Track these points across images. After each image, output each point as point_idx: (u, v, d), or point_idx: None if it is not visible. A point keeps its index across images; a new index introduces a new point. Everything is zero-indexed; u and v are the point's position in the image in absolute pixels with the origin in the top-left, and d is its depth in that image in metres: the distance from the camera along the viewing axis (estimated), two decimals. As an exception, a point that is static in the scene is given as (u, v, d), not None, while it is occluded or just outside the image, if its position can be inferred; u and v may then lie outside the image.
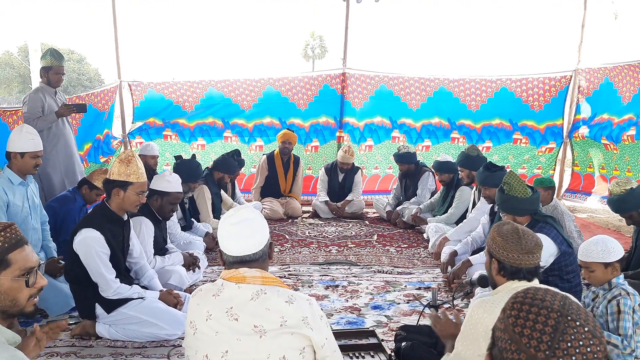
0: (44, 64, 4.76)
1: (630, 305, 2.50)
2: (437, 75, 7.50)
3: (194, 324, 1.78)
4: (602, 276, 2.60)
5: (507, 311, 1.08)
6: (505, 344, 1.05)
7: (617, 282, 2.60)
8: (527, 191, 3.27)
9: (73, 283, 3.10)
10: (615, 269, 2.59)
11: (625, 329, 2.48)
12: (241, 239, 1.77)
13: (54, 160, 4.71)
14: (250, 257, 1.78)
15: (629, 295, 2.53)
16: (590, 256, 2.61)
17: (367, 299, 3.81)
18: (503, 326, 1.08)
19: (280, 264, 4.65)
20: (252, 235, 1.78)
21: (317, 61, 47.83)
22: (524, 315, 1.04)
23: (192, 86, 7.15)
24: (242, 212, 1.81)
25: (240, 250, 1.77)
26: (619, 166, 6.75)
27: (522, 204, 3.28)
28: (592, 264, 2.61)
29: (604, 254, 2.57)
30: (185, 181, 4.46)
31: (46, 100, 4.71)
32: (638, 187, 3.62)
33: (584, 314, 1.04)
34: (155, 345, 3.05)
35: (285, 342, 1.69)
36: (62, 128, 4.84)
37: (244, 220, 1.78)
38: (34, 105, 4.63)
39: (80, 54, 32.95)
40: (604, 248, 2.59)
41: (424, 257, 4.93)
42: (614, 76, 6.87)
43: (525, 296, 1.09)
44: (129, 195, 3.03)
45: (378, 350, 2.79)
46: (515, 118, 7.60)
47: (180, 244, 4.45)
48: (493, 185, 4.15)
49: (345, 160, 6.55)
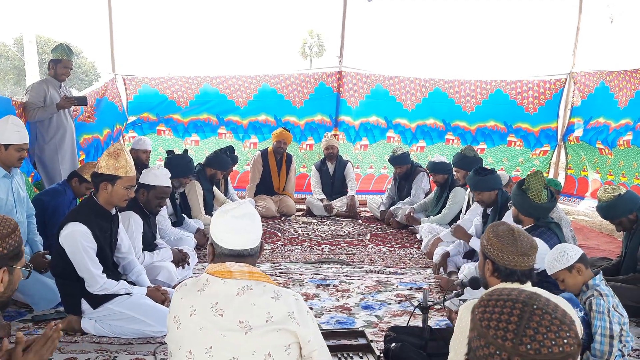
0: (54, 56, 4.91)
1: (604, 305, 2.53)
2: (432, 76, 7.51)
3: (177, 319, 1.74)
4: (572, 281, 2.65)
5: (475, 309, 1.09)
6: (476, 341, 1.05)
7: (593, 284, 2.64)
8: (542, 197, 3.26)
9: (59, 278, 3.05)
10: (580, 270, 2.63)
11: (596, 327, 2.51)
12: (243, 232, 1.76)
13: (52, 151, 4.86)
14: (247, 251, 1.77)
15: (601, 296, 2.57)
16: (552, 268, 2.69)
17: (358, 298, 3.78)
18: (472, 325, 1.08)
19: (271, 262, 4.62)
20: (252, 230, 1.78)
21: (315, 59, 47.71)
22: (490, 310, 1.05)
23: (187, 82, 7.11)
24: (244, 206, 1.82)
25: (240, 244, 1.76)
26: (614, 171, 6.75)
27: (531, 207, 3.28)
28: (557, 274, 2.68)
29: (561, 261, 2.64)
30: (176, 176, 4.43)
31: (49, 92, 4.83)
32: (626, 193, 3.62)
33: (553, 305, 1.04)
34: (142, 342, 3.00)
35: (271, 339, 1.66)
36: (64, 120, 4.95)
37: (246, 215, 1.78)
38: (36, 95, 4.76)
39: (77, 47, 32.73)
40: (559, 255, 2.66)
41: (416, 257, 4.90)
42: (610, 80, 6.87)
43: (492, 293, 1.10)
44: (117, 189, 2.98)
45: (367, 351, 2.76)
46: (509, 120, 7.60)
47: (171, 240, 4.41)
48: (485, 189, 4.13)
49: (328, 143, 6.57)
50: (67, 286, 3.02)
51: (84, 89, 29.44)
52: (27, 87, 4.98)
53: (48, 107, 4.74)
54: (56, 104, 4.74)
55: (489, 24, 69.73)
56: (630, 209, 3.59)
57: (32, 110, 4.69)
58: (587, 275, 2.65)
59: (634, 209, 3.60)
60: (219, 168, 5.57)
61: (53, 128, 4.86)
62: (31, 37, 12.54)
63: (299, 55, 48.73)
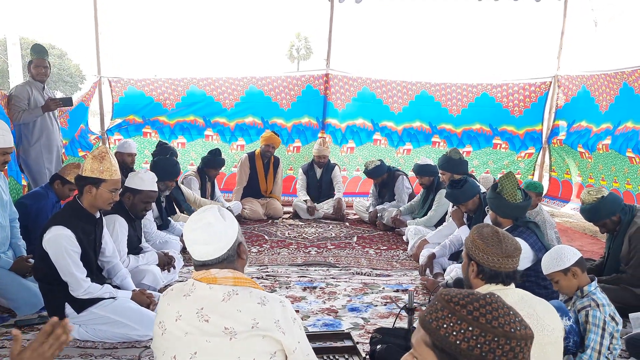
0: (29, 58, 4.95)
1: (600, 318, 2.50)
2: (419, 79, 7.54)
3: (162, 324, 1.73)
4: (567, 283, 2.63)
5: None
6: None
7: (589, 291, 2.61)
8: (518, 197, 3.28)
9: (42, 282, 3.01)
10: (576, 273, 2.61)
11: (590, 340, 2.49)
12: (200, 244, 1.72)
13: (38, 154, 4.82)
14: (212, 261, 1.73)
15: (598, 307, 2.54)
16: (548, 268, 2.68)
17: (344, 300, 3.79)
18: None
19: (258, 264, 4.60)
20: (210, 241, 1.71)
21: (303, 62, 47.73)
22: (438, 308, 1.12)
23: (173, 84, 7.07)
24: (204, 215, 1.75)
25: (200, 255, 1.73)
26: (594, 174, 6.83)
27: (508, 208, 3.30)
28: (553, 274, 2.66)
29: (558, 262, 2.62)
30: (162, 179, 4.40)
31: (32, 93, 4.79)
32: (609, 195, 3.65)
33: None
34: (127, 346, 2.98)
35: (255, 345, 1.65)
36: (47, 123, 4.90)
37: (203, 226, 1.72)
38: (20, 97, 4.73)
39: (62, 49, 32.38)
40: (556, 257, 2.65)
41: (402, 259, 4.92)
42: (590, 85, 6.96)
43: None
44: (102, 192, 2.95)
45: (353, 353, 2.76)
46: (495, 123, 7.67)
47: (156, 243, 4.38)
48: (467, 199, 4.18)
49: (320, 152, 6.56)
50: (51, 290, 2.98)
51: (69, 91, 28.98)
52: (10, 90, 4.92)
53: (33, 110, 4.70)
54: (42, 106, 4.70)
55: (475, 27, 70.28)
56: (613, 210, 3.63)
57: (16, 113, 4.65)
58: (582, 279, 2.62)
59: (616, 210, 3.64)
60: (214, 166, 5.91)
61: (37, 130, 4.82)
62: (15, 39, 12.43)
63: (286, 58, 48.74)
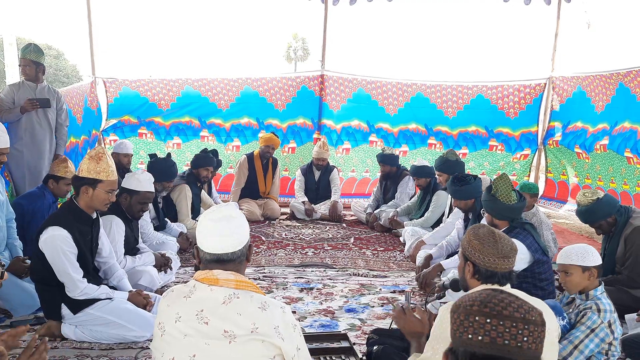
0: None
1: (596, 322, 2.51)
2: (414, 80, 7.55)
3: (162, 326, 1.72)
4: (579, 280, 2.64)
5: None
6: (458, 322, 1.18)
7: (595, 295, 2.63)
8: (512, 198, 3.29)
9: (38, 283, 3.00)
10: (593, 275, 2.63)
11: (571, 334, 2.51)
12: (220, 236, 1.71)
13: (18, 155, 4.67)
14: (227, 256, 1.73)
15: (599, 312, 2.55)
16: (570, 258, 2.66)
17: (341, 301, 3.79)
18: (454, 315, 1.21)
19: (255, 265, 4.60)
20: (232, 233, 1.72)
21: (300, 63, 47.68)
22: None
23: (168, 84, 7.06)
24: (225, 209, 1.77)
25: (218, 247, 1.72)
26: (591, 175, 6.87)
27: (503, 209, 3.31)
28: (570, 266, 2.65)
29: (584, 258, 2.62)
30: (158, 180, 4.39)
31: (17, 93, 4.74)
32: (605, 197, 3.67)
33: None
34: (123, 347, 2.97)
35: (254, 349, 1.64)
36: (34, 124, 4.79)
37: (225, 218, 1.73)
38: (4, 96, 4.70)
39: (58, 50, 32.22)
40: (583, 252, 2.65)
41: (399, 260, 4.93)
42: (586, 85, 7.00)
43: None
44: (98, 193, 2.94)
45: (349, 353, 2.76)
46: (490, 125, 7.69)
47: (153, 244, 4.37)
48: (461, 198, 4.17)
49: (320, 155, 6.56)
50: (47, 291, 2.97)
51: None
52: (1, 90, 4.92)
53: (13, 109, 4.65)
54: (20, 107, 4.63)
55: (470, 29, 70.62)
56: (609, 212, 3.65)
57: (2, 112, 4.63)
58: (592, 283, 2.65)
59: (612, 212, 3.66)
60: (207, 164, 5.49)
61: (21, 130, 4.72)
62: (11, 40, 12.38)
63: (284, 59, 48.70)
